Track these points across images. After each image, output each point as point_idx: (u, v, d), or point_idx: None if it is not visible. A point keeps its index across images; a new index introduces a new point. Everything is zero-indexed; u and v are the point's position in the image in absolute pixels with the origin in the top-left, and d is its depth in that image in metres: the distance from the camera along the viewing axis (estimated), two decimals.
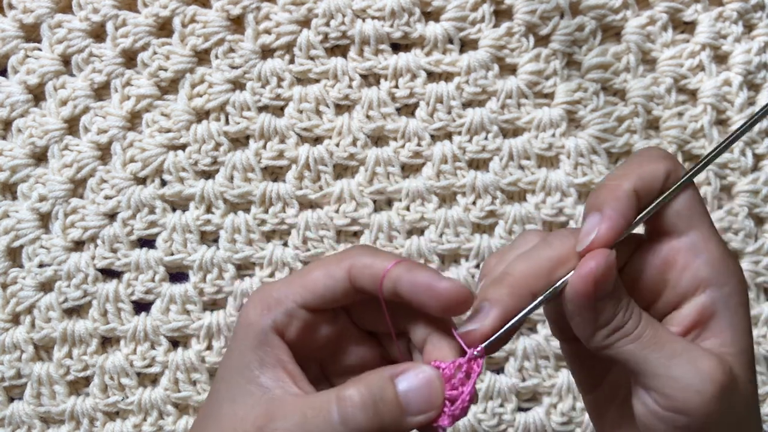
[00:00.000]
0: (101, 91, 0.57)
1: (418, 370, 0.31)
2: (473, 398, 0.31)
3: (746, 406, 0.32)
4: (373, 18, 0.56)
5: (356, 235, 0.57)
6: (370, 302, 0.34)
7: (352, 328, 0.36)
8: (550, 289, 0.31)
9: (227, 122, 0.56)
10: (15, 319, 0.57)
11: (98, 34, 0.57)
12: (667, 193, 0.32)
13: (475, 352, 0.31)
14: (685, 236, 0.32)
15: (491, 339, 0.31)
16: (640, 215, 0.32)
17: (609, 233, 0.30)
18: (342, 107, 0.57)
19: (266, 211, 0.57)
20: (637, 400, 0.32)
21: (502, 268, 0.32)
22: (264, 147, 0.56)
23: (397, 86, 0.56)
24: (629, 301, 0.31)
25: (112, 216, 0.57)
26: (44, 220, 0.57)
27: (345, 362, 0.36)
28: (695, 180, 0.33)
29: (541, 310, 0.33)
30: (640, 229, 0.33)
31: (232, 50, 0.56)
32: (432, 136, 0.57)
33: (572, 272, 0.31)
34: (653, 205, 0.32)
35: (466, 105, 0.57)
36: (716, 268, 0.31)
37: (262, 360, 0.32)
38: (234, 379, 0.33)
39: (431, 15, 0.57)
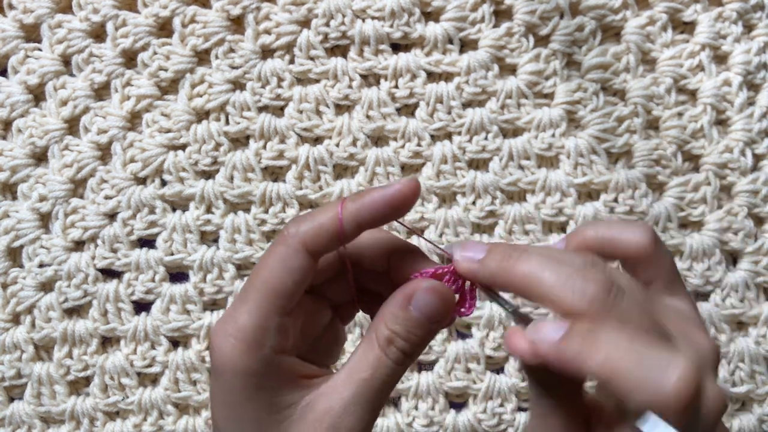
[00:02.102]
0: (101, 91, 0.57)
1: (422, 287, 0.32)
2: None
3: None
4: (373, 18, 0.56)
5: None
6: (322, 267, 0.34)
7: (306, 299, 0.35)
8: (508, 308, 0.32)
9: (227, 122, 0.56)
10: (15, 319, 0.57)
11: (98, 34, 0.57)
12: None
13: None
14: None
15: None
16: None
17: None
18: (342, 107, 0.57)
19: (266, 211, 0.57)
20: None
21: (527, 248, 0.32)
22: (264, 147, 0.56)
23: (397, 86, 0.56)
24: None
25: (112, 216, 0.57)
26: (44, 220, 0.57)
27: (310, 337, 0.36)
28: None
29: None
30: None
31: (232, 50, 0.56)
32: (432, 136, 0.57)
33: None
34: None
35: (466, 105, 0.57)
36: None
37: (276, 388, 0.31)
38: (257, 422, 0.31)
39: (431, 15, 0.57)
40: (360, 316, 0.54)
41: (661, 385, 0.27)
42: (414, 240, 0.56)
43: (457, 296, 0.33)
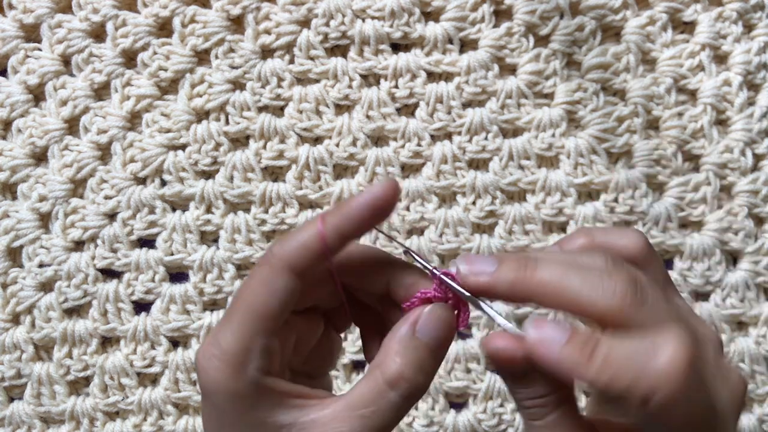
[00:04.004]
0: (101, 91, 0.57)
1: (427, 312, 0.32)
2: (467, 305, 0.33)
3: None
4: (373, 18, 0.56)
5: None
6: (311, 284, 0.33)
7: (296, 318, 0.35)
8: (501, 324, 0.32)
9: (227, 122, 0.56)
10: (15, 319, 0.57)
11: (98, 34, 0.57)
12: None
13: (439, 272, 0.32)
14: None
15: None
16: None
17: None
18: (342, 107, 0.57)
19: (266, 211, 0.57)
20: None
21: (540, 256, 0.32)
22: (264, 147, 0.56)
23: (397, 86, 0.56)
24: (544, 393, 0.31)
25: (112, 216, 0.57)
26: (44, 220, 0.57)
27: (305, 352, 0.36)
28: None
29: None
30: None
31: (232, 50, 0.56)
32: (432, 136, 0.57)
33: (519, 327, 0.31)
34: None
35: (466, 105, 0.57)
36: None
37: (267, 408, 0.31)
38: None
39: (431, 15, 0.57)
40: None
41: (655, 367, 0.27)
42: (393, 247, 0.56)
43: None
